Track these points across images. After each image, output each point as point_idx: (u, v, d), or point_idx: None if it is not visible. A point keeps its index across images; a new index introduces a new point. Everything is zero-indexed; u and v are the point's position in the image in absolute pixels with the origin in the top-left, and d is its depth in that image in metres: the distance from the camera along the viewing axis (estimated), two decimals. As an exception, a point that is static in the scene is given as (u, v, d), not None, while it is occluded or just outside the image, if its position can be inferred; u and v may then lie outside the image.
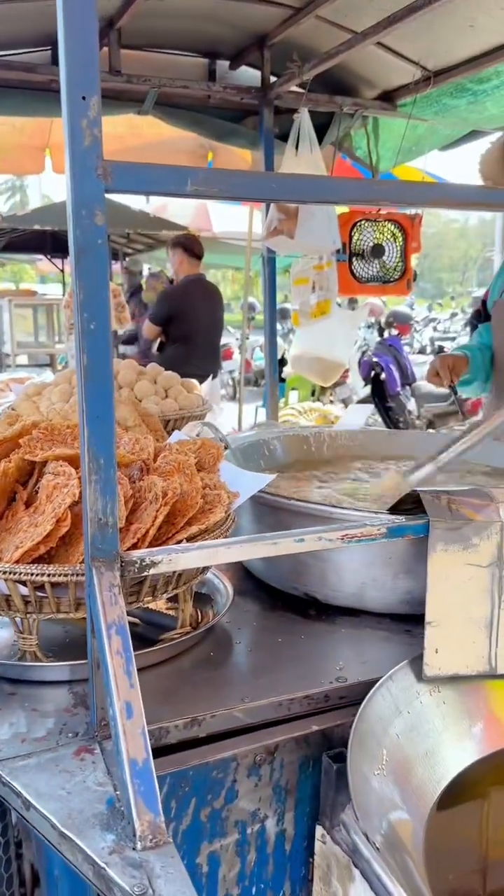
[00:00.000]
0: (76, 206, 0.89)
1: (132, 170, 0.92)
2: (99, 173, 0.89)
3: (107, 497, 0.97)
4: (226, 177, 1.00)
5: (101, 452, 0.96)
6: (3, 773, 0.94)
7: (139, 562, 1.02)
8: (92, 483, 0.96)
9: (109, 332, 0.95)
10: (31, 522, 1.18)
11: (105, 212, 0.91)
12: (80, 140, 0.88)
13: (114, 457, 0.97)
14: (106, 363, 0.95)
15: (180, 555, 1.05)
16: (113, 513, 0.98)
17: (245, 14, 2.54)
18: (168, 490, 1.20)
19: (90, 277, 0.92)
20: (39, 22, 2.54)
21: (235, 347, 12.36)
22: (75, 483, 1.18)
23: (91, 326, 0.93)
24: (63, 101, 0.88)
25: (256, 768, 1.08)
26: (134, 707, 0.89)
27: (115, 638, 0.93)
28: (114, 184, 0.91)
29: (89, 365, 0.94)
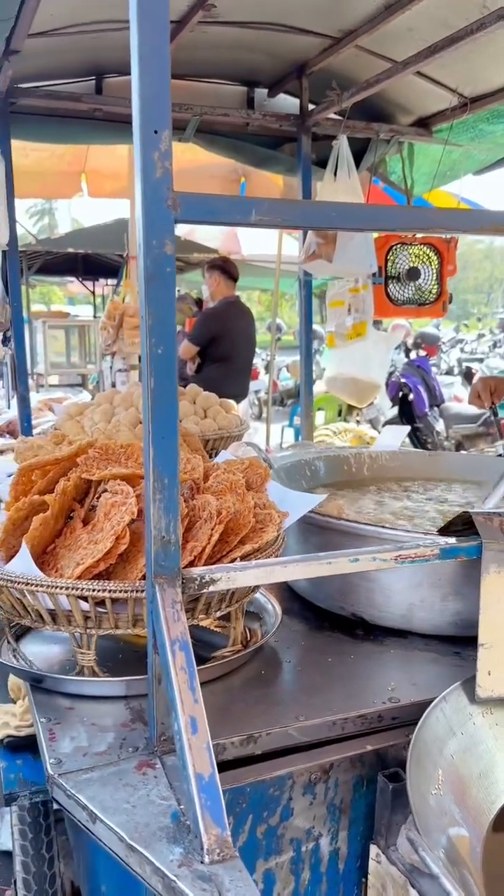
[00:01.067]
0: (147, 235, 0.92)
1: (200, 201, 0.96)
2: (169, 204, 0.92)
3: (170, 515, 0.99)
4: (288, 207, 1.03)
5: (166, 472, 0.98)
6: (67, 785, 0.96)
7: (199, 579, 1.04)
8: (156, 501, 0.98)
9: (176, 356, 0.98)
10: (91, 539, 1.21)
11: (174, 241, 0.94)
12: (151, 172, 0.91)
13: (177, 476, 1.00)
14: (172, 386, 0.98)
15: (238, 573, 1.07)
16: (175, 531, 1.00)
17: (285, 44, 2.60)
18: (222, 509, 1.22)
19: (159, 304, 0.95)
20: (84, 53, 2.62)
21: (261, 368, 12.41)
22: (133, 501, 1.21)
23: (159, 351, 0.96)
24: (136, 134, 0.92)
25: (311, 786, 1.09)
26: (199, 722, 0.90)
27: (179, 654, 0.95)
28: (182, 214, 0.94)
29: (156, 387, 0.97)
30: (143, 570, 1.15)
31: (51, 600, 1.14)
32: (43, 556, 1.27)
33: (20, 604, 1.19)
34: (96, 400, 2.59)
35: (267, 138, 3.07)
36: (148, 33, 0.88)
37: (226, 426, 2.39)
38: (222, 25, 2.38)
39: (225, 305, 5.71)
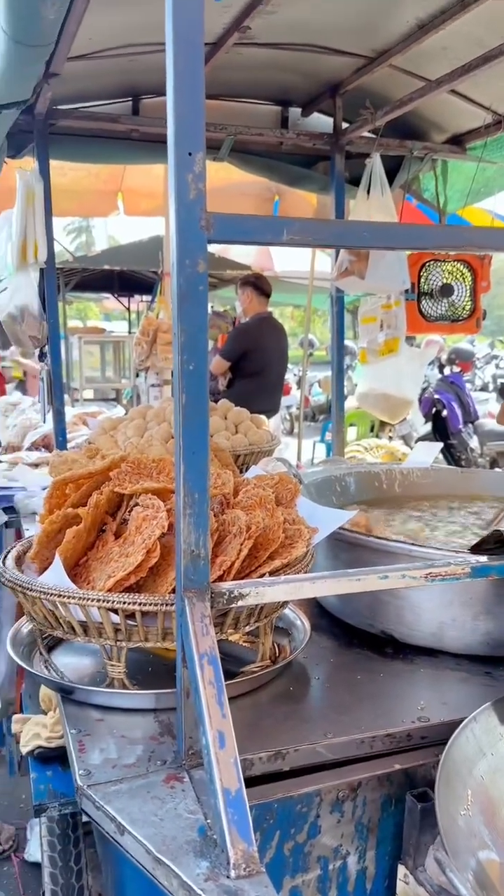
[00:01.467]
0: (181, 255, 0.94)
1: (233, 221, 0.97)
2: (202, 225, 0.94)
3: (200, 530, 1.00)
4: (319, 227, 1.04)
5: (196, 487, 0.99)
6: (96, 797, 0.97)
7: (228, 593, 1.05)
8: (186, 516, 0.99)
9: (207, 373, 0.99)
10: (122, 553, 1.22)
11: (206, 260, 0.96)
12: (185, 193, 0.93)
13: (207, 491, 1.01)
14: (203, 402, 0.99)
15: (267, 588, 1.07)
16: (205, 545, 1.01)
17: (318, 64, 2.62)
18: (251, 524, 1.23)
19: (191, 322, 0.96)
20: (121, 75, 2.67)
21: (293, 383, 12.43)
22: (164, 515, 1.22)
23: (190, 367, 0.97)
24: (170, 156, 0.93)
25: (339, 804, 1.08)
26: (226, 737, 0.91)
27: (208, 668, 0.96)
28: (215, 234, 0.95)
29: (187, 404, 0.98)
30: (172, 583, 1.16)
31: (82, 612, 1.16)
32: (76, 568, 1.29)
33: (52, 615, 1.21)
34: (130, 415, 2.62)
35: (300, 157, 3.09)
36: (183, 58, 0.91)
37: (256, 441, 2.39)
38: (257, 47, 2.41)
39: (257, 321, 5.75)
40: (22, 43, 1.55)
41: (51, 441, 3.47)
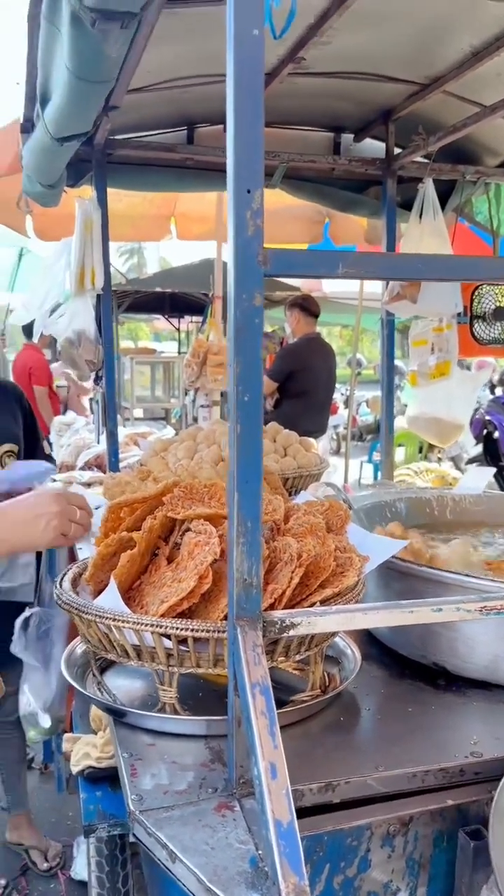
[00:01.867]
0: (238, 289, 0.95)
1: (289, 256, 0.99)
2: (260, 260, 0.95)
3: (252, 559, 1.01)
4: (374, 260, 1.05)
5: (249, 516, 1.00)
6: (148, 822, 0.97)
7: (280, 622, 1.05)
8: (239, 545, 1.00)
9: (261, 404, 1.00)
10: (175, 578, 1.23)
11: (262, 294, 0.97)
12: (244, 230, 0.94)
13: (260, 520, 1.01)
14: (257, 433, 1.00)
15: (319, 618, 1.07)
16: (258, 574, 1.02)
17: (371, 91, 2.64)
18: (302, 552, 1.23)
19: (247, 353, 0.98)
20: (176, 105, 2.72)
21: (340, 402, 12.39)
22: (216, 541, 1.23)
23: (245, 398, 0.98)
24: (229, 193, 0.95)
25: (390, 839, 1.07)
26: (278, 768, 0.90)
27: (260, 698, 0.96)
28: (272, 269, 0.97)
29: (242, 434, 0.99)
30: (224, 610, 1.16)
31: (136, 637, 1.17)
32: (129, 591, 1.31)
33: (107, 638, 1.23)
34: (180, 436, 2.65)
35: (352, 182, 3.11)
36: (243, 101, 0.93)
37: (305, 465, 2.40)
38: (311, 76, 2.44)
39: (305, 342, 5.76)
40: (85, 80, 1.59)
41: (103, 461, 3.53)
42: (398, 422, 6.23)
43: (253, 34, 0.94)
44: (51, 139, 2.06)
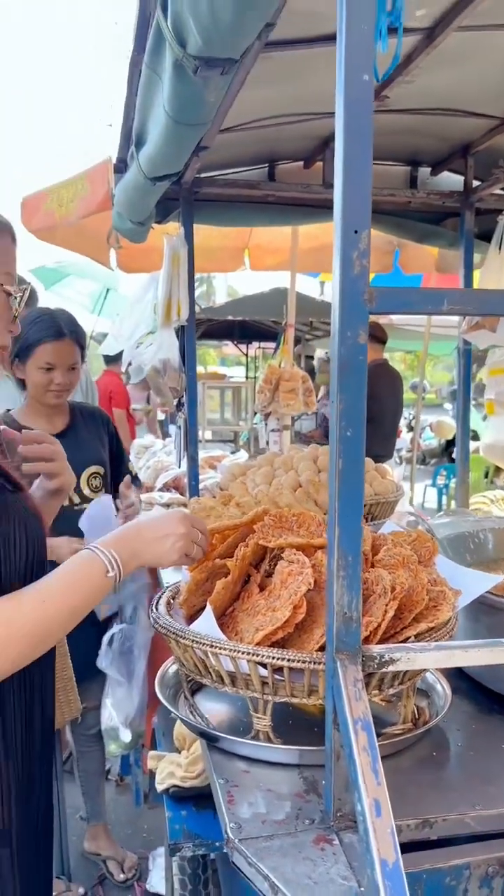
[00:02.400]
0: (343, 327, 0.95)
1: (395, 294, 0.98)
2: (365, 298, 0.95)
3: (353, 592, 0.99)
4: (477, 296, 1.03)
5: (350, 551, 0.99)
6: (249, 852, 0.96)
7: (379, 657, 1.02)
8: (339, 578, 0.98)
9: (364, 441, 0.98)
10: (269, 606, 1.22)
11: (367, 332, 0.96)
12: (350, 269, 0.94)
13: (360, 555, 1.00)
14: (359, 469, 0.99)
15: (418, 654, 1.04)
16: (357, 608, 1.00)
17: (450, 126, 2.62)
18: (396, 584, 1.20)
19: (351, 390, 0.96)
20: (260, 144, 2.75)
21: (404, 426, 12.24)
22: (309, 571, 1.22)
23: (348, 434, 0.97)
24: (336, 233, 0.95)
25: (489, 880, 1.02)
26: (382, 805, 0.88)
27: (362, 734, 0.93)
28: (377, 307, 0.96)
29: (344, 469, 0.98)
30: (318, 640, 1.15)
31: (232, 664, 1.16)
32: (222, 618, 1.30)
33: (202, 664, 1.22)
34: (258, 462, 2.65)
35: (429, 214, 3.08)
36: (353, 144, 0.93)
37: (382, 492, 2.36)
38: (392, 113, 2.44)
39: (372, 368, 5.69)
40: (183, 123, 1.62)
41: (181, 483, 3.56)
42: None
43: (363, 79, 0.94)
44: (144, 179, 2.11)
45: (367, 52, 0.93)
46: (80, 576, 1.09)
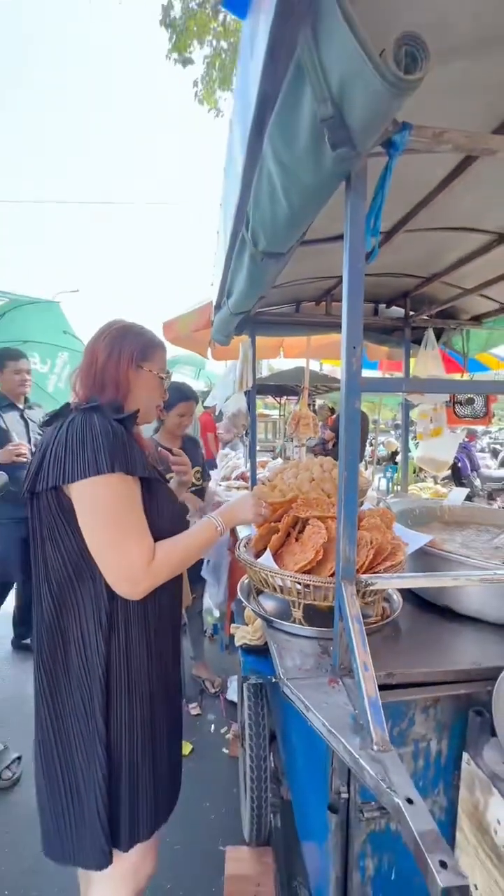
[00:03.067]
0: (347, 400, 0.94)
1: (377, 381, 0.97)
2: (360, 382, 0.94)
3: (350, 545, 0.98)
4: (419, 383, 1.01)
5: (349, 521, 0.97)
6: (292, 686, 0.95)
7: (365, 582, 1.01)
8: (344, 537, 0.97)
9: (357, 462, 0.97)
10: (301, 550, 1.21)
11: (360, 401, 0.95)
12: (351, 367, 0.93)
13: (355, 523, 0.98)
14: (355, 477, 0.97)
15: (386, 581, 1.03)
16: (353, 553, 0.98)
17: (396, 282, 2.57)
18: (373, 540, 1.18)
19: (351, 433, 0.96)
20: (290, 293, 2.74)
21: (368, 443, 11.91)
22: (324, 532, 1.21)
23: (349, 458, 0.96)
24: (343, 347, 0.94)
25: (426, 710, 0.99)
26: (368, 664, 0.86)
27: (356, 624, 0.92)
28: (366, 388, 0.95)
29: (347, 477, 0.97)
30: (330, 570, 1.13)
31: (281, 581, 1.16)
32: (274, 556, 1.30)
33: (264, 581, 1.22)
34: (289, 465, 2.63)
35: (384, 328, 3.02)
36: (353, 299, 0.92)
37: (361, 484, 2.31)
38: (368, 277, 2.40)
39: None
40: (253, 287, 1.61)
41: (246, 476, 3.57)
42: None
43: (358, 267, 0.93)
44: (230, 313, 2.13)
45: (361, 251, 0.93)
46: (205, 532, 1.12)
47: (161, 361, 1.18)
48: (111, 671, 1.01)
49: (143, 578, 0.98)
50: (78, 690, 1.00)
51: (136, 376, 1.11)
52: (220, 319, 2.48)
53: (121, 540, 0.96)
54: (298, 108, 0.77)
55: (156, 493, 1.07)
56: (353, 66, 0.64)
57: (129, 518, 0.98)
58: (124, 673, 1.02)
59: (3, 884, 1.62)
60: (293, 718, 1.22)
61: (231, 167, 1.30)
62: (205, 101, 6.60)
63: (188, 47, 6.27)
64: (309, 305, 2.90)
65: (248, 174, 1.09)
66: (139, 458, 1.01)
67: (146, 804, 1.04)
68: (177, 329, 3.79)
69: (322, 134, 0.77)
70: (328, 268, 2.30)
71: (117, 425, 0.99)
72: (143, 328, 1.18)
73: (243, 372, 2.63)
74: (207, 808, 1.95)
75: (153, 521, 1.04)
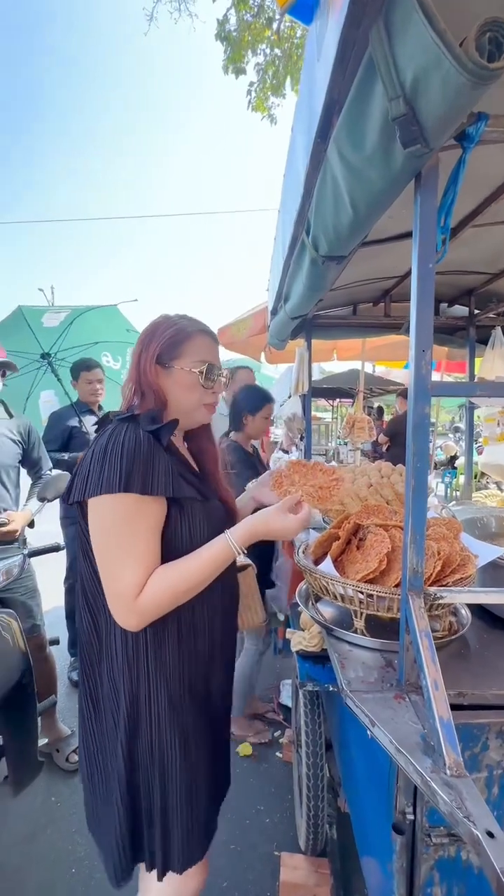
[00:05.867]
0: (416, 405, 0.90)
1: (450, 385, 0.92)
2: (429, 387, 0.90)
3: (419, 556, 0.94)
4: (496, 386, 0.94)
5: (418, 531, 0.93)
6: (356, 700, 0.92)
7: (433, 595, 0.96)
8: (412, 547, 0.93)
9: (427, 469, 0.93)
10: (363, 559, 1.18)
11: (430, 407, 0.91)
12: (421, 370, 0.89)
13: (424, 534, 0.94)
14: (424, 486, 0.93)
15: (456, 594, 0.97)
16: (422, 565, 0.94)
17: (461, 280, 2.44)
18: (440, 550, 1.12)
19: (420, 440, 0.91)
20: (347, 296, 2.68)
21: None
22: (388, 541, 1.16)
23: (418, 465, 0.92)
24: (412, 349, 0.90)
25: (501, 734, 0.92)
26: (439, 683, 0.82)
27: (425, 640, 0.88)
28: (435, 392, 0.90)
29: (416, 486, 0.92)
30: (394, 580, 1.09)
31: (342, 589, 1.13)
32: (334, 562, 1.27)
33: (324, 588, 1.19)
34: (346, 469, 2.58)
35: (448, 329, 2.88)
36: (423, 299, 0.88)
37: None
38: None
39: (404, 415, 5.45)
40: (312, 290, 1.60)
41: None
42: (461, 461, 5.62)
43: (429, 267, 0.89)
44: (287, 318, 2.12)
45: (432, 250, 0.89)
46: (217, 553, 0.93)
47: (195, 353, 0.97)
48: (139, 699, 0.90)
49: (129, 611, 0.84)
50: (109, 711, 0.92)
51: (167, 377, 0.95)
52: (276, 324, 2.48)
53: (115, 565, 0.84)
54: (368, 109, 0.75)
55: (189, 513, 0.93)
56: (430, 58, 0.61)
57: (130, 541, 0.84)
58: (154, 702, 0.90)
59: (77, 864, 1.70)
60: (352, 729, 1.18)
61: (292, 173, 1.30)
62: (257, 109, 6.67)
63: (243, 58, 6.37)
64: (366, 307, 2.83)
65: (311, 179, 1.07)
66: (167, 476, 0.87)
67: (178, 835, 0.92)
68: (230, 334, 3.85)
69: (392, 133, 0.74)
70: (388, 268, 2.23)
71: (148, 438, 0.86)
72: (179, 319, 0.99)
73: (299, 375, 2.61)
74: (262, 812, 1.95)
75: (184, 545, 0.91)
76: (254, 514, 0.98)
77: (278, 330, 2.49)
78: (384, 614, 1.11)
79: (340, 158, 0.88)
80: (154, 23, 6.82)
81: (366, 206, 0.94)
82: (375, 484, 2.25)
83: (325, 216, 1.08)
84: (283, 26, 6.38)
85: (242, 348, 4.58)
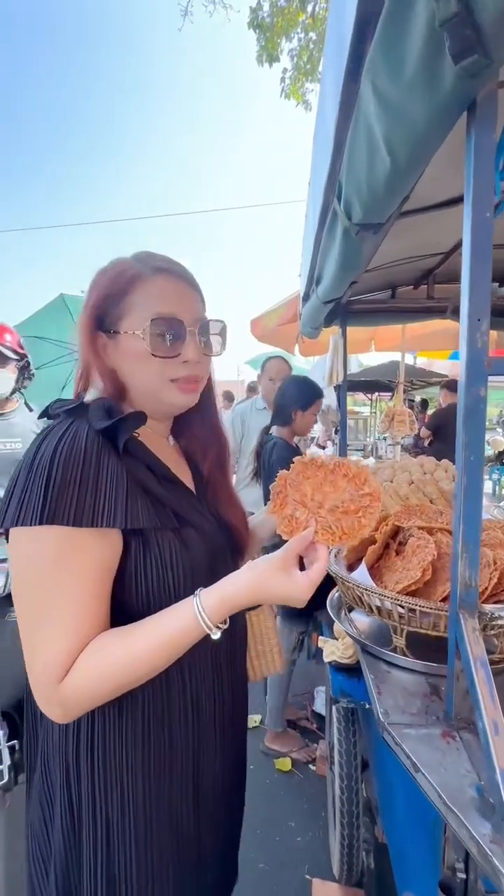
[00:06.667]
0: (468, 385, 0.75)
1: None
2: (486, 364, 0.75)
3: (472, 568, 0.78)
4: None
5: (471, 539, 0.78)
6: (395, 734, 0.79)
7: (490, 613, 0.81)
8: (464, 558, 0.78)
9: (482, 463, 0.78)
10: (403, 567, 1.03)
11: (486, 387, 0.76)
12: (475, 344, 0.74)
13: (479, 542, 0.78)
14: (478, 484, 0.78)
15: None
16: (476, 578, 0.79)
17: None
18: (496, 559, 0.96)
19: (473, 431, 0.77)
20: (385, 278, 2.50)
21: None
22: (433, 546, 1.01)
23: (471, 459, 0.77)
24: (463, 321, 0.75)
25: None
26: (500, 726, 0.67)
27: (481, 669, 0.73)
28: (493, 371, 0.75)
29: (468, 484, 0.78)
30: (441, 593, 0.94)
31: (379, 601, 0.99)
32: (371, 569, 1.13)
33: (358, 599, 1.06)
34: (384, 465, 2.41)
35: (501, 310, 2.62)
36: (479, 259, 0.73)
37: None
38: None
39: (449, 408, 5.13)
40: (346, 269, 1.46)
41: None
42: None
43: (485, 217, 0.74)
44: (320, 303, 1.98)
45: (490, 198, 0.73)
46: (177, 625, 0.60)
47: (145, 305, 0.65)
48: (80, 809, 0.62)
49: (48, 699, 0.57)
50: (41, 805, 0.65)
51: (115, 349, 0.66)
52: (308, 310, 2.33)
53: (31, 631, 0.57)
54: (409, 16, 0.61)
55: (154, 548, 0.63)
56: None
57: (54, 597, 0.56)
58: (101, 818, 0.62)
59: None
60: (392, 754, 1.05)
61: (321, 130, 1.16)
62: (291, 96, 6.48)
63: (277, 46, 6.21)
64: (406, 290, 2.62)
65: (342, 130, 0.94)
66: (118, 498, 0.59)
67: None
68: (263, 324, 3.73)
69: (440, 45, 0.59)
70: (431, 243, 2.03)
71: (95, 441, 0.59)
72: (128, 260, 0.68)
73: (334, 365, 2.46)
74: (293, 830, 1.83)
75: (152, 594, 0.63)
76: (241, 571, 0.65)
77: (311, 317, 2.34)
78: (429, 632, 0.97)
79: (374, 93, 0.74)
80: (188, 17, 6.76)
81: (406, 153, 0.79)
82: (417, 481, 2.08)
83: (359, 172, 0.94)
84: (318, 7, 6.15)
85: (274, 339, 4.44)
